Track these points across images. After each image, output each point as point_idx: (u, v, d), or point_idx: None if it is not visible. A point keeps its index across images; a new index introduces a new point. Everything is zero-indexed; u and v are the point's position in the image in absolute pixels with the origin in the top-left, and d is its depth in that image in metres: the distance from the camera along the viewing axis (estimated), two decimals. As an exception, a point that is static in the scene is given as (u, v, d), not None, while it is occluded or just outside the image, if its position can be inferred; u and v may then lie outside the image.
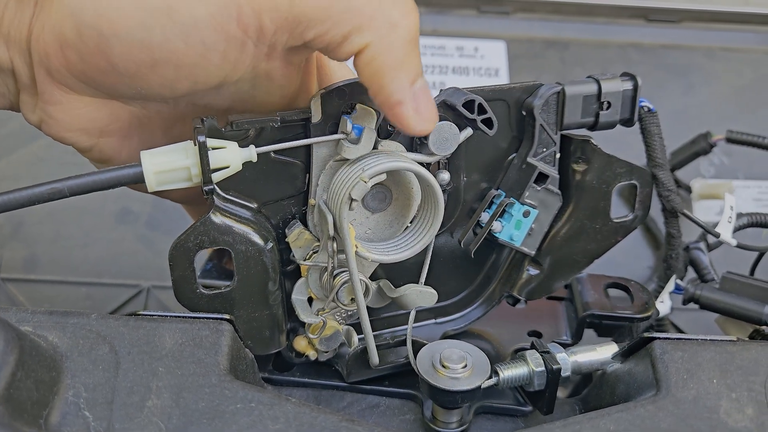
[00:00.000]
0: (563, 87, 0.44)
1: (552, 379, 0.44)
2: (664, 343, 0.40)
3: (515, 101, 0.45)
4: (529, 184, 0.46)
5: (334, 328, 0.46)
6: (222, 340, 0.39)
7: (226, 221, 0.41)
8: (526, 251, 0.48)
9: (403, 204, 0.45)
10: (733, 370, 0.38)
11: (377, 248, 0.44)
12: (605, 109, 0.45)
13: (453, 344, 0.45)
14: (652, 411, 0.37)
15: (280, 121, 0.41)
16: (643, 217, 0.49)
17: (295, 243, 0.45)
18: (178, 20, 0.35)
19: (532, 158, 0.46)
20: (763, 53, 0.83)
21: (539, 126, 0.45)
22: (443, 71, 0.83)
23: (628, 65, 0.82)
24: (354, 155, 0.41)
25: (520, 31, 0.85)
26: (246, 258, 0.42)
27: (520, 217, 0.46)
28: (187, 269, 0.42)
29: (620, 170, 0.47)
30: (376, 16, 0.37)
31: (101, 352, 0.38)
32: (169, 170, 0.38)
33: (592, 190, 0.47)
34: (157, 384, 0.37)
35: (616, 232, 0.49)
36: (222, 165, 0.39)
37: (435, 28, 0.85)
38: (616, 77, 0.46)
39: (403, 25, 0.37)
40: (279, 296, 0.45)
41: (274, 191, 0.44)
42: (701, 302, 0.52)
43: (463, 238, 0.48)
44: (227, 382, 0.37)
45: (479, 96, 0.42)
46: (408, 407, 0.49)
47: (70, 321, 0.39)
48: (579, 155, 0.46)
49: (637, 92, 0.46)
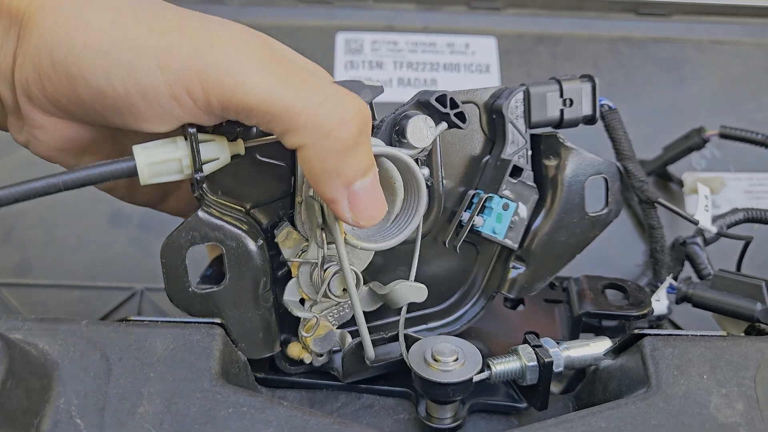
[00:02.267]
0: (528, 87, 0.48)
1: (544, 373, 0.44)
2: (655, 339, 0.40)
3: (484, 105, 0.48)
4: (504, 177, 0.48)
5: (327, 327, 0.47)
6: (213, 344, 0.39)
7: (217, 219, 0.42)
8: (510, 244, 0.49)
9: (387, 201, 0.45)
10: (722, 366, 0.38)
11: (366, 237, 0.45)
12: (568, 105, 0.49)
13: (445, 339, 0.46)
14: (643, 408, 0.37)
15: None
16: (618, 210, 0.50)
17: (284, 243, 0.45)
18: (138, 79, 0.37)
19: (505, 156, 0.48)
20: (753, 45, 0.83)
21: (509, 124, 0.48)
22: (434, 68, 0.83)
23: (619, 59, 0.82)
24: None
25: (510, 27, 0.85)
26: (237, 255, 0.43)
27: (500, 210, 0.48)
28: (179, 267, 0.42)
29: (589, 164, 0.49)
30: (309, 124, 0.37)
31: (92, 359, 0.38)
32: (161, 161, 0.39)
33: (565, 184, 0.49)
34: (149, 390, 0.37)
35: (593, 225, 0.50)
36: (212, 157, 0.40)
37: (426, 24, 0.85)
38: (575, 78, 0.50)
39: (335, 135, 0.38)
40: (270, 298, 0.45)
41: (262, 194, 0.44)
42: (694, 301, 0.52)
43: (447, 238, 0.49)
44: (219, 387, 0.37)
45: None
46: (402, 406, 0.49)
47: (61, 328, 0.39)
48: (549, 151, 0.49)
49: (596, 91, 0.50)
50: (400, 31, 0.84)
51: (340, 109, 0.38)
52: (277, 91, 0.37)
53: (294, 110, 0.37)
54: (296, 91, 0.38)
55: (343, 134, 0.38)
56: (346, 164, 0.39)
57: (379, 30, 0.84)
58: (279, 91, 0.37)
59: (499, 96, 0.48)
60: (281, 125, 0.38)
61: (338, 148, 0.38)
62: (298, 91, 0.38)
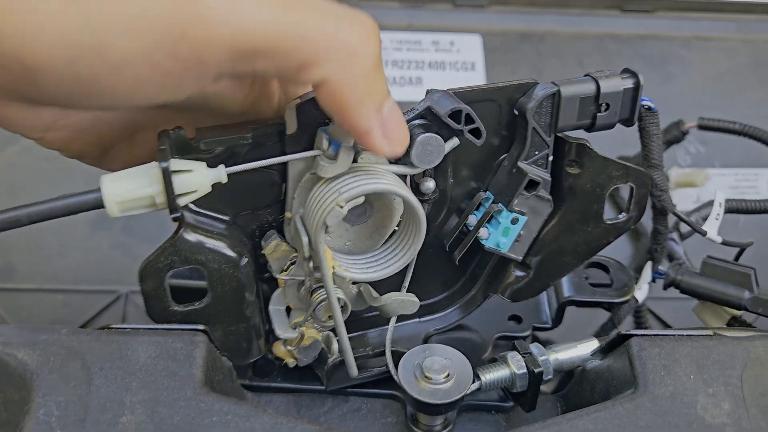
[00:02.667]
0: (559, 88, 0.42)
1: (534, 381, 0.44)
2: (642, 339, 0.40)
3: (507, 100, 0.43)
4: (518, 191, 0.44)
5: (312, 338, 0.46)
6: (196, 351, 0.38)
7: (199, 238, 0.40)
8: (513, 257, 0.46)
9: (384, 215, 0.44)
10: (709, 365, 0.38)
11: (356, 264, 0.43)
12: (603, 110, 0.43)
13: (434, 350, 0.45)
14: (630, 409, 0.37)
15: (252, 137, 0.39)
16: (638, 218, 0.47)
17: (272, 255, 0.44)
18: (108, 59, 0.33)
19: (523, 162, 0.43)
20: (739, 41, 0.83)
21: (531, 129, 0.43)
22: (419, 66, 0.82)
23: (604, 56, 0.82)
24: (330, 174, 0.39)
25: (495, 24, 0.84)
26: (220, 276, 0.41)
27: (508, 224, 0.44)
28: (158, 289, 0.41)
29: (616, 173, 0.45)
30: (332, 47, 0.34)
31: (72, 369, 0.37)
32: (132, 199, 0.37)
33: (585, 193, 0.45)
34: (131, 399, 0.36)
35: (607, 233, 0.47)
36: (189, 190, 0.37)
37: (410, 22, 0.84)
38: (615, 75, 0.43)
39: (364, 52, 0.34)
40: (256, 306, 0.44)
41: (250, 201, 0.42)
42: (682, 287, 0.52)
43: (449, 241, 0.46)
44: (203, 395, 0.37)
45: (466, 103, 0.40)
46: (390, 409, 0.48)
47: (40, 337, 0.38)
48: (573, 158, 0.44)
49: (639, 92, 0.43)
50: (384, 29, 0.83)
51: (359, 23, 0.34)
52: (285, 21, 0.33)
53: (311, 36, 0.33)
54: (305, 15, 0.33)
55: (370, 50, 0.34)
56: (377, 84, 0.35)
57: (364, 28, 0.83)
58: (286, 19, 0.33)
59: (524, 92, 0.42)
60: (297, 59, 0.33)
61: (369, 67, 0.34)
62: (307, 15, 0.33)
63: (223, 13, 0.32)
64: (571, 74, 0.79)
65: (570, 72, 0.81)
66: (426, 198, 0.43)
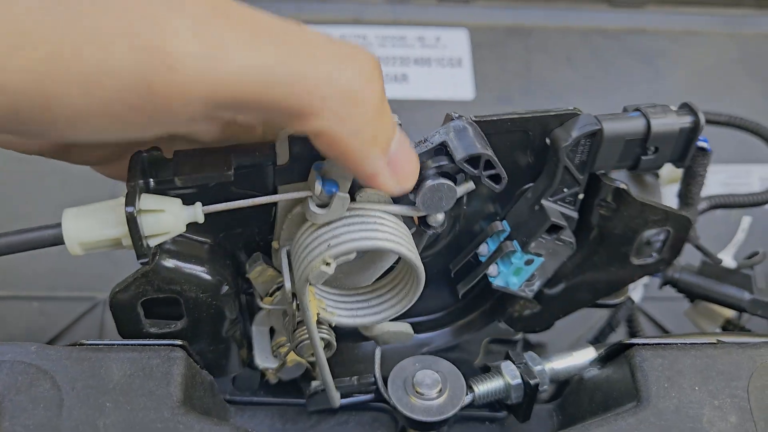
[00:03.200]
0: (602, 126, 0.36)
1: (529, 392, 0.42)
2: (644, 349, 0.38)
3: (541, 129, 0.37)
4: (537, 234, 0.39)
5: (296, 361, 0.44)
6: (174, 369, 0.36)
7: (176, 263, 0.37)
8: (523, 296, 0.43)
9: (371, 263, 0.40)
10: (714, 376, 0.37)
11: (345, 305, 0.40)
12: (651, 154, 0.37)
13: (425, 362, 0.43)
14: (634, 424, 0.35)
15: (234, 173, 0.35)
16: (670, 261, 0.43)
17: (257, 279, 0.41)
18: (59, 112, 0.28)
19: (548, 200, 0.38)
20: (727, 36, 0.82)
21: (563, 167, 0.37)
22: (405, 63, 0.80)
23: (593, 51, 0.81)
24: (321, 221, 0.35)
25: (481, 19, 0.83)
26: (197, 304, 0.38)
27: (521, 265, 0.40)
28: (131, 313, 0.38)
29: (654, 218, 0.40)
30: (330, 95, 0.29)
31: (42, 389, 0.35)
32: (95, 241, 0.34)
33: (615, 236, 0.41)
34: (105, 421, 0.34)
35: (633, 273, 0.43)
36: (159, 232, 0.34)
37: (395, 17, 0.82)
38: (670, 111, 0.37)
39: (365, 97, 0.30)
40: (238, 324, 0.42)
41: (236, 224, 0.39)
42: (679, 286, 0.50)
43: (455, 267, 0.42)
44: (181, 416, 0.34)
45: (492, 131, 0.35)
46: (380, 421, 0.46)
47: (6, 356, 0.36)
48: (607, 199, 0.39)
49: (697, 133, 0.37)
50: (369, 24, 0.81)
51: (359, 63, 0.30)
52: (274, 67, 0.28)
53: (305, 84, 0.28)
54: (298, 58, 0.29)
55: (372, 93, 0.30)
56: (382, 125, 0.31)
57: (347, 23, 0.81)
58: (275, 66, 0.28)
59: (562, 122, 0.36)
60: (289, 110, 0.29)
61: (371, 111, 0.30)
62: (300, 59, 0.29)
63: (198, 65, 0.27)
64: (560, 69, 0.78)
65: (558, 67, 0.79)
66: (433, 230, 0.39)
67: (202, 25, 0.28)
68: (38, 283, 0.67)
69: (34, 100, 0.27)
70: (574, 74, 0.79)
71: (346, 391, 0.43)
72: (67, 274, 0.68)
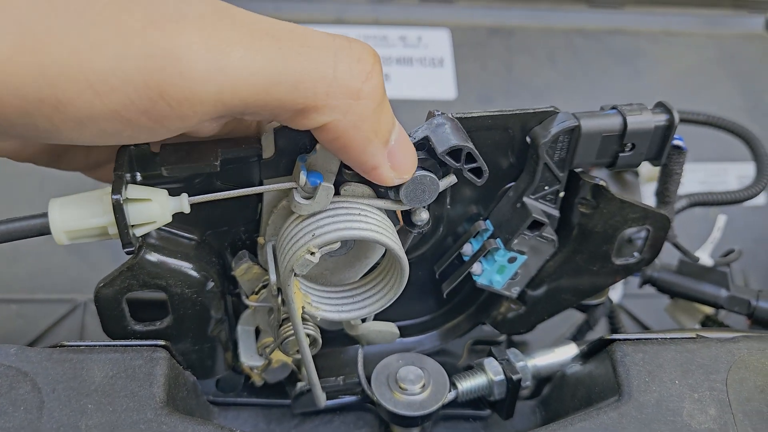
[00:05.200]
0: (579, 123, 0.37)
1: (512, 388, 0.43)
2: (625, 344, 0.38)
3: (521, 126, 0.38)
4: (520, 230, 0.40)
5: (281, 361, 0.43)
6: (157, 369, 0.36)
7: (161, 258, 0.37)
8: (507, 294, 0.43)
9: (366, 246, 0.40)
10: (694, 369, 0.37)
11: (330, 300, 0.40)
12: (628, 151, 0.38)
13: (408, 359, 0.43)
14: (615, 418, 0.35)
15: (220, 166, 0.35)
16: (651, 260, 0.44)
17: (243, 277, 0.41)
18: (69, 115, 0.29)
19: (529, 197, 0.39)
20: (705, 36, 0.83)
21: (543, 164, 0.38)
22: (387, 62, 0.80)
23: (573, 51, 0.81)
24: (306, 212, 0.36)
25: (463, 19, 0.83)
26: (182, 300, 0.38)
27: (504, 262, 0.41)
28: (115, 309, 0.38)
29: (633, 216, 0.41)
30: (332, 92, 0.30)
31: (22, 391, 0.34)
32: (81, 229, 0.34)
33: (596, 234, 0.41)
34: (87, 423, 0.34)
35: (615, 273, 0.44)
36: (145, 221, 0.34)
37: (377, 17, 0.82)
38: (646, 109, 0.38)
39: (366, 92, 0.31)
40: (223, 324, 0.41)
41: (222, 220, 0.39)
42: (658, 285, 0.51)
43: (440, 268, 0.43)
44: (164, 416, 0.34)
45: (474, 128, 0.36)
46: (363, 420, 0.46)
47: (-15, 358, 0.35)
48: (587, 197, 0.40)
49: (672, 131, 0.38)
50: (351, 24, 0.81)
51: (359, 58, 0.31)
52: (278, 67, 0.29)
53: (308, 83, 0.30)
54: (301, 58, 0.30)
55: (373, 88, 0.31)
56: (383, 119, 0.32)
57: (329, 23, 0.81)
58: (279, 66, 0.29)
59: (541, 120, 0.37)
60: (294, 107, 0.30)
61: (372, 106, 0.31)
62: (303, 58, 0.30)
63: (207, 69, 0.29)
64: (541, 69, 0.78)
65: (540, 67, 0.80)
66: (417, 229, 0.39)
67: (208, 31, 0.29)
68: (17, 285, 0.66)
69: (46, 102, 0.28)
70: (555, 74, 0.80)
71: (331, 391, 0.43)
72: (46, 277, 0.67)
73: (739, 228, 0.71)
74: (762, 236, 0.72)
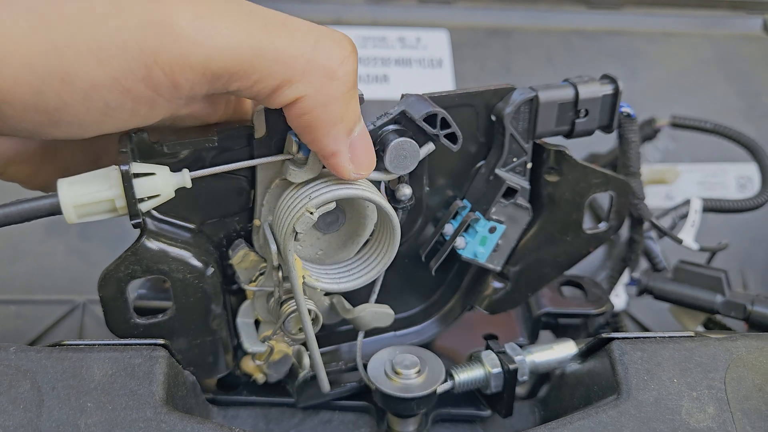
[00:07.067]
0: (537, 93, 0.41)
1: (509, 380, 0.43)
2: (623, 343, 0.38)
3: (485, 106, 0.42)
4: (496, 199, 0.43)
5: (282, 352, 0.44)
6: (156, 368, 0.36)
7: (162, 246, 0.38)
8: (491, 267, 0.45)
9: (357, 223, 0.42)
10: (692, 368, 0.37)
11: (328, 274, 0.42)
12: (582, 117, 0.42)
13: (405, 349, 0.44)
14: (614, 416, 0.36)
15: (218, 141, 0.37)
16: (618, 227, 0.47)
17: (240, 265, 0.41)
18: (76, 86, 0.32)
19: (500, 170, 0.43)
20: (702, 37, 0.84)
21: (509, 135, 0.42)
22: (386, 63, 0.80)
23: (571, 52, 0.81)
24: (300, 179, 0.38)
25: (462, 20, 0.83)
26: (184, 286, 0.39)
27: (485, 233, 0.44)
28: (119, 300, 0.38)
29: (596, 181, 0.44)
30: (309, 69, 0.33)
31: (22, 390, 0.35)
32: (90, 203, 0.34)
33: (564, 202, 0.44)
34: (86, 421, 0.34)
35: (588, 242, 0.46)
36: (150, 194, 0.35)
37: (375, 18, 0.82)
38: (594, 80, 0.42)
39: (341, 75, 0.34)
40: (223, 319, 0.42)
41: (217, 208, 0.40)
42: (655, 293, 0.52)
43: (425, 251, 0.45)
44: (164, 415, 0.34)
45: (442, 108, 0.38)
46: (362, 420, 0.47)
47: (-15, 357, 0.35)
48: (552, 165, 0.43)
49: (618, 98, 0.43)
50: (349, 25, 0.81)
51: (338, 44, 0.34)
52: (261, 42, 0.32)
53: (288, 57, 0.33)
54: (283, 35, 0.33)
55: (347, 72, 0.34)
56: (350, 107, 0.35)
57: (327, 24, 0.81)
58: (263, 41, 0.32)
59: (501, 98, 0.42)
60: (273, 80, 0.33)
61: (344, 89, 0.34)
62: (285, 36, 0.33)
63: (197, 36, 0.32)
64: (540, 70, 0.79)
65: (538, 68, 0.80)
66: (402, 205, 0.41)
67: (200, 5, 0.32)
68: (15, 285, 0.66)
69: (55, 75, 0.31)
70: (554, 74, 0.80)
71: (333, 377, 0.44)
72: (45, 277, 0.67)
73: (737, 228, 0.71)
74: (760, 236, 0.72)
